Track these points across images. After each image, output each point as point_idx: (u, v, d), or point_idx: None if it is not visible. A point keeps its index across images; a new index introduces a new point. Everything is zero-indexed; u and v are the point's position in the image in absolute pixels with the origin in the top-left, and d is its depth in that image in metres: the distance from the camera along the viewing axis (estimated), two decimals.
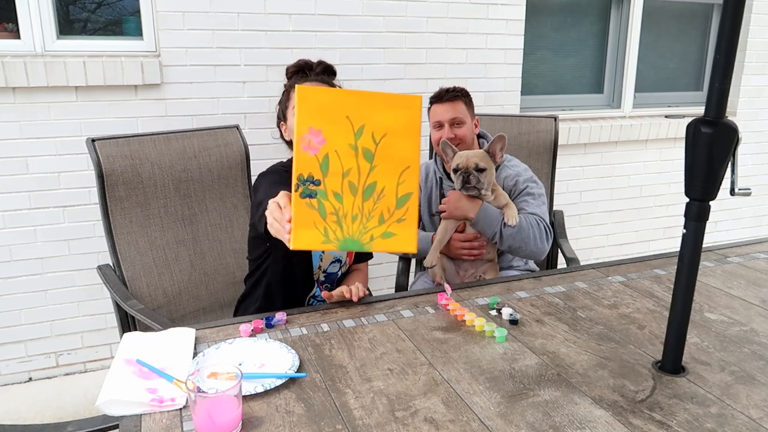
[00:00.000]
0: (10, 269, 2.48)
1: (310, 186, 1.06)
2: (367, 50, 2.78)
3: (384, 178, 1.09)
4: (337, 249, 1.12)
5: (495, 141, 1.77)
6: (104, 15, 2.59)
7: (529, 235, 1.76)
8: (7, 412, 2.38)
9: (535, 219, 1.80)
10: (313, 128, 1.05)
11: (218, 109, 2.61)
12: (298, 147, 1.04)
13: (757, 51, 3.64)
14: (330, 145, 1.06)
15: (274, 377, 1.13)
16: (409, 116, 1.08)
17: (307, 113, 1.04)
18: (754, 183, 3.84)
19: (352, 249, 1.11)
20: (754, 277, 1.72)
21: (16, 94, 2.34)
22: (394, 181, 1.10)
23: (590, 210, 3.52)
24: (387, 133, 1.07)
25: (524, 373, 1.19)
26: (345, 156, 1.06)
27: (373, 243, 1.10)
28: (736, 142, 1.08)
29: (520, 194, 1.88)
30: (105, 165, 1.82)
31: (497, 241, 1.77)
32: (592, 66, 3.55)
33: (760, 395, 1.13)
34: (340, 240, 1.09)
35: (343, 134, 1.06)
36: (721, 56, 1.04)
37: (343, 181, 1.07)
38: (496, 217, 1.75)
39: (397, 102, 1.08)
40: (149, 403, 1.05)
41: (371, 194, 1.09)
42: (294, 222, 1.06)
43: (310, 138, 1.05)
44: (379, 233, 1.10)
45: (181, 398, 1.07)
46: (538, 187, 1.90)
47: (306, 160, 1.05)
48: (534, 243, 1.77)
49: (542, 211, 1.85)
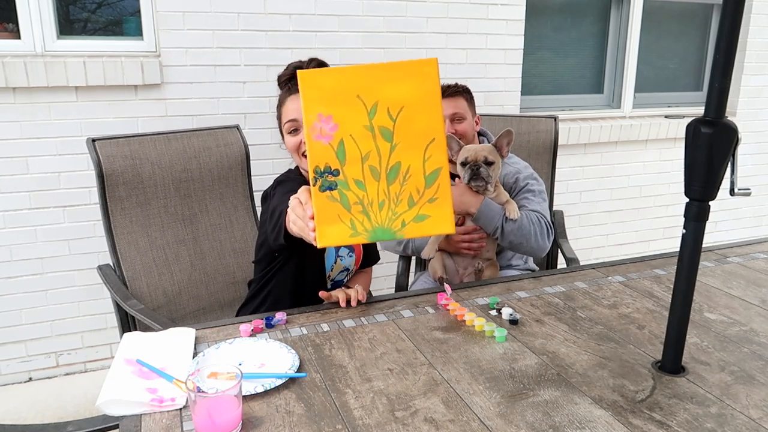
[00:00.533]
0: (11, 269, 2.48)
1: (328, 177, 0.98)
2: (367, 50, 2.78)
3: (408, 156, 0.99)
4: (367, 241, 1.04)
5: (502, 135, 1.78)
6: (104, 15, 2.60)
7: (531, 231, 1.76)
8: (7, 412, 2.38)
9: (536, 216, 1.80)
10: (322, 115, 0.96)
11: (218, 109, 2.61)
12: (309, 137, 0.97)
13: (757, 51, 3.64)
14: (343, 130, 0.97)
15: (274, 377, 1.13)
16: (425, 83, 0.97)
17: (314, 99, 0.96)
18: (754, 183, 3.84)
19: (384, 239, 1.01)
20: (753, 277, 1.72)
21: (17, 94, 2.34)
22: (419, 157, 0.99)
23: (590, 210, 3.52)
24: (404, 106, 0.97)
25: (524, 373, 1.19)
26: (361, 139, 0.97)
27: (406, 229, 1.01)
28: (736, 142, 1.08)
29: (520, 191, 1.88)
30: (105, 165, 1.82)
31: (498, 237, 1.77)
32: (592, 66, 3.55)
33: (760, 395, 1.13)
34: (369, 231, 1.00)
35: (356, 115, 0.97)
36: (721, 56, 1.04)
37: (364, 167, 0.98)
38: (498, 212, 1.75)
39: (410, 69, 0.97)
40: (149, 403, 1.05)
41: (396, 176, 0.99)
42: (317, 219, 0.98)
43: (320, 126, 0.96)
44: (411, 217, 1.00)
45: (181, 398, 1.07)
46: (538, 184, 1.91)
47: (320, 150, 0.96)
48: (535, 239, 1.77)
49: (543, 208, 1.86)
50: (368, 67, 0.98)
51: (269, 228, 1.45)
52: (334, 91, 0.97)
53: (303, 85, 0.96)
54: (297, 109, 1.52)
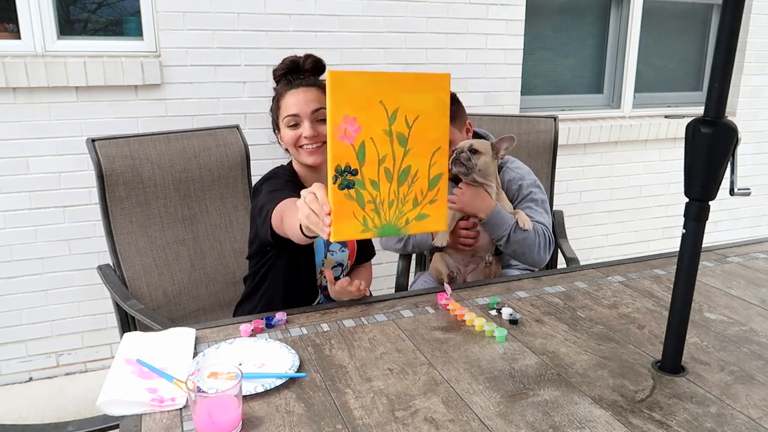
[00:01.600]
0: (11, 269, 2.48)
1: (348, 176, 1.02)
2: (367, 50, 2.78)
3: (417, 161, 1.07)
4: (375, 237, 1.10)
5: (504, 139, 1.76)
6: (104, 15, 2.60)
7: (535, 243, 1.77)
8: (7, 412, 2.38)
9: (541, 228, 1.81)
10: (348, 116, 1.00)
11: (218, 109, 2.61)
12: (333, 137, 1.00)
13: (756, 51, 3.64)
14: (366, 133, 1.02)
15: (274, 377, 1.13)
16: (439, 96, 1.06)
17: (342, 100, 0.99)
18: (754, 183, 3.84)
19: (390, 234, 1.09)
20: (753, 277, 1.72)
21: (17, 94, 2.34)
22: (426, 163, 1.08)
23: (590, 210, 3.52)
24: (420, 116, 1.05)
25: (524, 373, 1.19)
26: (380, 142, 1.03)
27: (409, 226, 1.09)
28: (736, 142, 1.08)
29: (523, 199, 1.87)
30: (105, 165, 1.82)
31: (502, 244, 1.77)
32: (592, 66, 3.55)
33: (760, 395, 1.13)
34: (378, 227, 1.07)
35: (378, 120, 1.02)
36: (721, 56, 1.04)
37: (379, 168, 1.04)
38: (509, 222, 1.75)
39: (428, 82, 1.05)
40: (149, 403, 1.06)
41: (406, 178, 1.07)
42: (334, 215, 1.02)
43: (345, 126, 1.00)
44: (414, 216, 1.09)
45: (181, 398, 1.08)
46: (541, 193, 1.90)
47: (343, 149, 1.01)
48: (537, 252, 1.78)
49: (546, 220, 1.86)
50: (392, 76, 1.04)
51: (259, 224, 1.48)
52: (360, 95, 1.01)
53: (332, 85, 0.99)
54: (297, 104, 1.53)
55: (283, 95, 1.56)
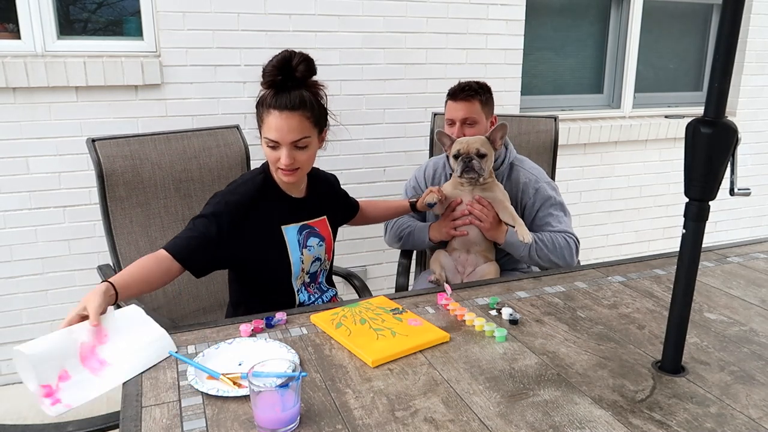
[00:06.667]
0: (11, 269, 2.48)
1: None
2: (367, 50, 2.78)
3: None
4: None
5: (496, 129, 1.81)
6: (104, 15, 2.60)
7: (560, 254, 1.83)
8: (7, 412, 2.38)
9: (563, 237, 1.84)
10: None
11: (218, 109, 2.61)
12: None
13: (756, 51, 3.64)
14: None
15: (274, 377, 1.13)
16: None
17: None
18: (754, 183, 3.84)
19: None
20: (753, 277, 1.72)
21: (17, 94, 2.34)
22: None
23: (590, 210, 3.52)
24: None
25: (524, 373, 1.19)
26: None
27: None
28: (736, 142, 1.08)
29: (543, 206, 1.89)
30: (105, 165, 1.82)
31: (524, 257, 1.84)
32: (592, 66, 3.55)
33: (760, 395, 1.13)
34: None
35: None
36: (721, 56, 1.04)
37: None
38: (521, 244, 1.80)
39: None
40: (40, 387, 1.08)
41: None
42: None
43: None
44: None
45: (71, 401, 1.09)
46: (557, 194, 1.93)
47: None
48: (563, 260, 1.84)
49: (568, 224, 1.90)
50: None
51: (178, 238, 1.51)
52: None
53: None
54: (279, 130, 1.46)
55: (268, 113, 1.48)
